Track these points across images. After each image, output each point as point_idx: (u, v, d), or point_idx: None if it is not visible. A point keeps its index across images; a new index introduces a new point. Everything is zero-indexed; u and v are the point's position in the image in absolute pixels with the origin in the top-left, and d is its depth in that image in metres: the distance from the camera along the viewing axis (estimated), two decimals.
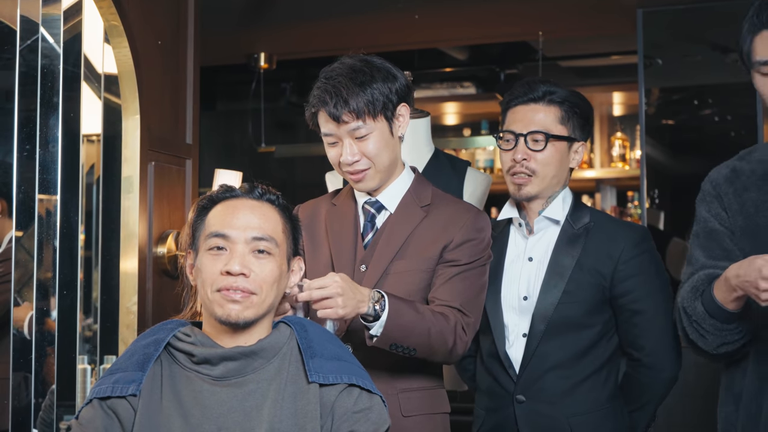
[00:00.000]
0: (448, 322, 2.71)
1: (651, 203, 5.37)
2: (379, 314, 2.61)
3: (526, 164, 3.01)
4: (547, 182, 3.03)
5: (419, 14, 5.62)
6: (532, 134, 3.00)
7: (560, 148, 3.02)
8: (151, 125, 3.99)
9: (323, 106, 2.77)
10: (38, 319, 3.39)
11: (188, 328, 2.37)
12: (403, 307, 2.65)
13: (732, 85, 5.30)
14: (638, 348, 3.01)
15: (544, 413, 2.99)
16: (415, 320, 2.65)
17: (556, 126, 3.02)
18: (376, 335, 2.63)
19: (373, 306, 2.61)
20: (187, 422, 2.24)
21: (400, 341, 2.65)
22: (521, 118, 3.03)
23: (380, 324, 2.62)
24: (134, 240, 3.87)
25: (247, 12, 5.71)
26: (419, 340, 2.67)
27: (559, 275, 2.99)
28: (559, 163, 3.03)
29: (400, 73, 2.84)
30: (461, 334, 2.73)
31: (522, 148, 3.01)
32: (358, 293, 2.57)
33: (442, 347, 2.71)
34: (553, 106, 3.02)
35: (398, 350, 2.67)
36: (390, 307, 2.61)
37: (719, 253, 2.63)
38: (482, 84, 7.24)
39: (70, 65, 3.55)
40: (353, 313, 2.57)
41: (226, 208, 2.35)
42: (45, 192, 3.43)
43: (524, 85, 3.06)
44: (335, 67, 2.81)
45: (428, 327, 2.67)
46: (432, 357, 2.74)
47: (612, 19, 5.56)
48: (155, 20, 4.09)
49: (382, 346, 2.66)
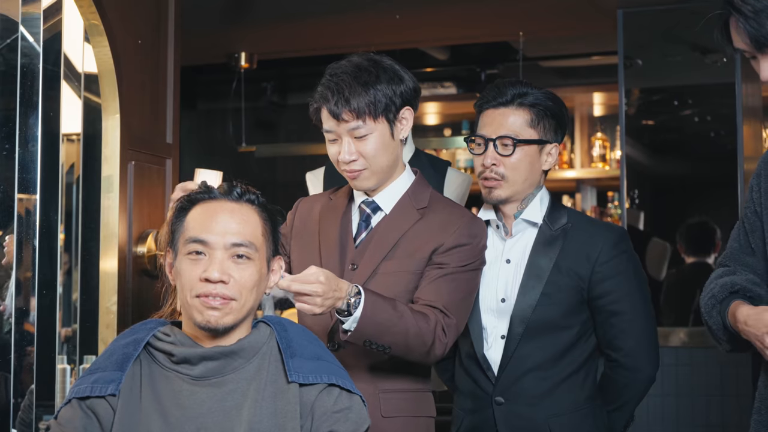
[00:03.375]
0: (428, 322, 2.70)
1: (631, 203, 5.39)
2: (352, 311, 2.60)
3: (495, 169, 2.99)
4: (518, 186, 3.01)
5: (400, 14, 5.63)
6: (500, 139, 2.99)
7: (530, 151, 3.00)
8: (131, 124, 3.98)
9: (325, 103, 2.76)
10: (17, 319, 3.38)
11: (168, 327, 2.36)
12: (381, 304, 2.64)
13: (712, 85, 5.32)
14: (616, 349, 3.01)
15: (523, 415, 2.98)
16: (392, 318, 2.64)
17: (526, 130, 2.99)
18: (350, 330, 2.63)
19: (346, 302, 2.60)
20: (166, 422, 2.24)
21: (375, 338, 2.64)
22: (490, 122, 3.02)
23: (353, 320, 2.61)
24: (114, 240, 3.86)
25: (228, 11, 5.70)
26: (395, 339, 2.66)
27: (536, 277, 2.99)
28: (530, 167, 3.01)
29: (409, 75, 2.83)
30: (441, 336, 2.72)
31: (491, 152, 3.00)
32: (338, 291, 2.56)
33: (420, 348, 2.70)
34: (522, 110, 3.00)
35: (372, 347, 2.66)
36: (366, 304, 2.60)
37: (747, 247, 2.59)
38: (463, 84, 7.25)
39: (49, 64, 3.54)
40: (329, 310, 2.57)
41: (205, 210, 2.34)
42: (24, 191, 3.42)
43: (494, 89, 3.04)
44: (342, 64, 2.80)
45: (406, 326, 2.66)
46: (408, 356, 2.73)
47: (592, 19, 5.57)
48: (136, 19, 4.08)
49: (356, 342, 2.65)
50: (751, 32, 2.37)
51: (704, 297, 2.61)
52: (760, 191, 2.55)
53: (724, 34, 2.48)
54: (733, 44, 2.47)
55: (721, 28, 2.48)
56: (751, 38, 2.38)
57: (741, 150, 5.05)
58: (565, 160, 7.38)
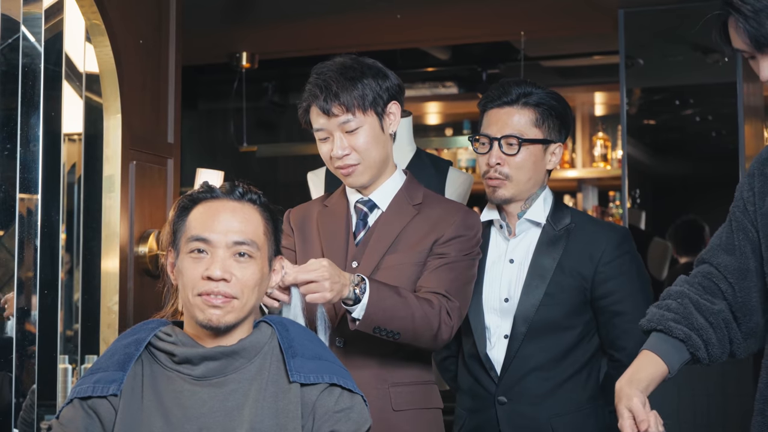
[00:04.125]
0: (432, 306, 2.72)
1: (632, 203, 5.38)
2: (360, 297, 2.62)
3: (499, 169, 3.00)
4: (522, 186, 3.02)
5: (401, 14, 5.62)
6: (505, 138, 2.99)
7: (535, 151, 3.01)
8: (133, 124, 3.98)
9: (314, 100, 2.79)
10: (19, 318, 3.38)
11: (169, 327, 2.36)
12: (385, 290, 2.66)
13: (713, 85, 5.32)
14: (619, 349, 3.01)
15: (525, 414, 2.99)
16: (398, 303, 2.66)
17: (530, 129, 3.00)
18: (359, 318, 2.64)
19: (353, 290, 2.61)
20: (167, 422, 2.24)
21: (384, 324, 2.66)
22: (495, 122, 3.02)
23: (362, 307, 2.62)
24: (115, 239, 3.86)
25: (229, 11, 5.70)
26: (403, 324, 2.67)
27: (540, 277, 2.99)
28: (534, 166, 3.02)
29: (392, 73, 2.88)
30: (446, 319, 2.74)
31: (496, 152, 3.00)
32: (342, 277, 2.59)
33: (428, 331, 2.72)
34: (527, 109, 3.01)
35: (382, 334, 2.67)
36: (371, 290, 2.63)
37: (727, 245, 2.53)
38: (464, 84, 7.25)
39: (51, 64, 3.54)
40: (338, 297, 2.58)
41: (207, 209, 2.34)
42: (26, 191, 3.42)
43: (498, 88, 3.05)
44: (327, 64, 2.84)
45: (412, 311, 2.68)
46: (417, 342, 2.74)
47: (593, 19, 5.57)
48: (137, 19, 4.08)
49: (366, 330, 2.66)
50: (751, 32, 2.36)
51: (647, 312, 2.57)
52: (753, 191, 2.53)
53: (723, 35, 2.48)
54: (731, 45, 2.46)
55: (719, 29, 2.48)
56: (751, 38, 2.37)
57: (742, 149, 5.05)
58: (567, 159, 7.38)
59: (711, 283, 2.51)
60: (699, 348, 2.45)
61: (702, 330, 2.45)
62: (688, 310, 2.47)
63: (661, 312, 2.50)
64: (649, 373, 2.41)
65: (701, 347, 2.45)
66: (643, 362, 2.43)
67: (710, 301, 2.48)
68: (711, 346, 2.46)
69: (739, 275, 2.50)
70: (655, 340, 2.47)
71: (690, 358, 2.47)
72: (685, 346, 2.45)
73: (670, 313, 2.48)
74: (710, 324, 2.45)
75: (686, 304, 2.48)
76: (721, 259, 2.52)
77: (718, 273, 2.51)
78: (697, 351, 2.45)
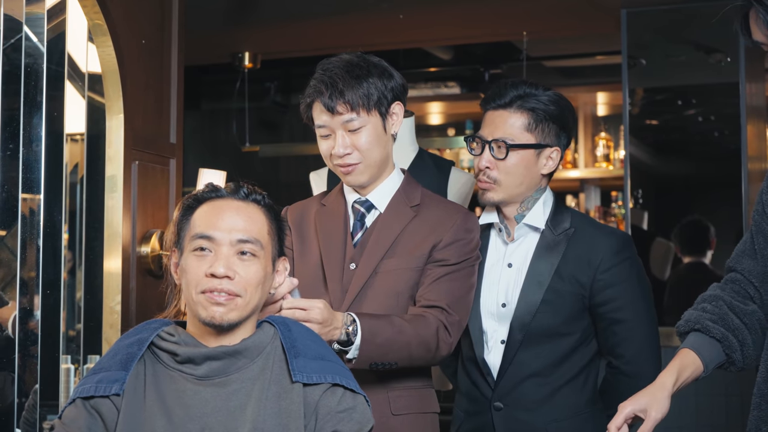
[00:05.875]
0: (428, 327, 2.71)
1: (635, 203, 5.38)
2: (352, 340, 2.62)
3: (488, 173, 2.95)
4: (512, 190, 2.97)
5: (404, 14, 5.63)
6: (495, 142, 2.95)
7: (526, 156, 2.95)
8: (135, 124, 3.98)
9: (319, 97, 2.78)
10: (21, 318, 3.38)
11: (172, 327, 2.36)
12: (378, 326, 2.65)
13: (716, 85, 5.32)
14: (617, 356, 2.98)
15: (522, 420, 2.96)
16: (392, 337, 2.66)
17: (522, 134, 2.94)
18: (354, 358, 2.64)
19: (344, 332, 2.62)
20: (170, 422, 2.24)
21: (379, 359, 2.67)
22: (489, 124, 2.98)
23: (355, 347, 2.63)
24: (118, 239, 3.86)
25: (232, 11, 5.70)
26: (399, 354, 2.68)
27: (537, 283, 2.95)
28: (526, 171, 2.96)
29: (397, 73, 2.86)
30: (444, 337, 2.74)
31: (486, 155, 2.96)
32: (335, 320, 2.59)
33: (426, 354, 2.73)
34: (521, 113, 2.95)
35: (379, 367, 2.69)
36: (363, 330, 2.63)
37: (750, 250, 2.56)
38: (467, 84, 7.25)
39: (53, 64, 3.54)
40: (329, 339, 2.59)
41: (211, 208, 2.35)
42: (28, 191, 3.42)
43: (496, 90, 2.99)
44: (332, 60, 2.82)
45: (407, 339, 2.68)
46: (416, 363, 2.76)
47: (596, 19, 5.57)
48: (139, 19, 4.08)
49: (362, 367, 2.67)
50: None
51: (684, 315, 2.62)
52: None
53: (744, 27, 2.48)
54: (752, 37, 2.47)
55: (740, 21, 2.49)
56: None
57: (745, 150, 5.05)
58: (569, 159, 7.39)
59: (740, 288, 2.55)
60: (735, 350, 2.49)
61: (738, 331, 2.49)
62: (723, 311, 2.51)
63: (697, 313, 2.54)
64: (690, 372, 2.48)
65: (737, 349, 2.49)
66: (685, 362, 2.49)
67: (743, 302, 2.53)
68: (746, 347, 2.49)
69: (763, 278, 2.53)
70: (694, 339, 2.52)
71: (725, 359, 2.50)
72: (721, 346, 2.49)
73: (706, 314, 2.52)
74: (745, 325, 2.50)
75: (720, 305, 2.52)
76: (745, 264, 2.55)
77: (743, 278, 2.55)
78: (732, 353, 2.49)
